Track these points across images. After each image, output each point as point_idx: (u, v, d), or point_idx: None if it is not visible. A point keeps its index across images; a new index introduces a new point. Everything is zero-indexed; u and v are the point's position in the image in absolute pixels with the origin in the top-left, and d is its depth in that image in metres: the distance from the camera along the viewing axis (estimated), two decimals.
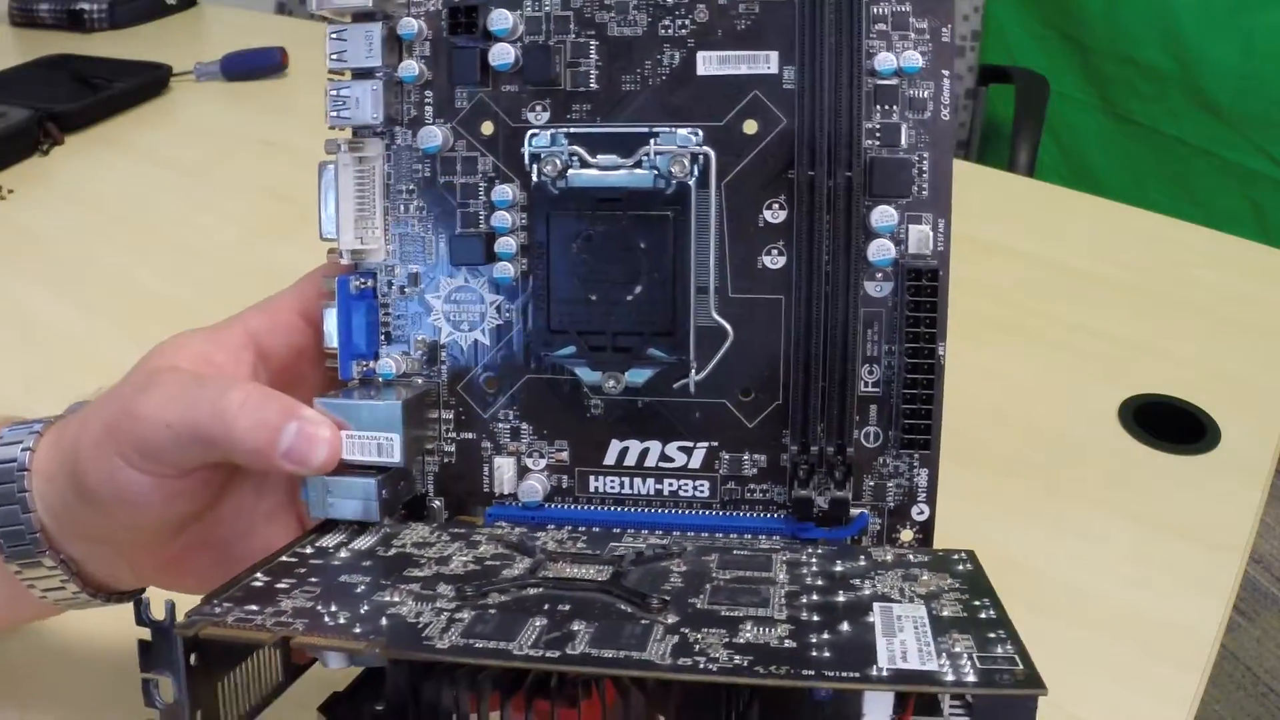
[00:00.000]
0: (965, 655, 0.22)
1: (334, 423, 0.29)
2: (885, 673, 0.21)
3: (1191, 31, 1.41)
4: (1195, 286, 0.65)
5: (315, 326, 0.32)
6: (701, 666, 0.21)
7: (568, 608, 0.24)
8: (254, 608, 0.24)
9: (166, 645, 0.23)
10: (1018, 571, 0.45)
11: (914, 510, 0.31)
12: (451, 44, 0.31)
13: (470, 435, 0.32)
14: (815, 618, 0.24)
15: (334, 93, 0.31)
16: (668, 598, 0.25)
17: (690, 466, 0.31)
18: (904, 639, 0.23)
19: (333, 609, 0.24)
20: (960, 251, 0.74)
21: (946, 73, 0.29)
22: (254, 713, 0.24)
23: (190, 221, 0.76)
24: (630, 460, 0.31)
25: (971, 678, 0.21)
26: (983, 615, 0.24)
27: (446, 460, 0.32)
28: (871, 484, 0.31)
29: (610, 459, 0.31)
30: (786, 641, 0.22)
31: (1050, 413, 0.54)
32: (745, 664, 0.21)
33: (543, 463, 0.32)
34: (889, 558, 0.29)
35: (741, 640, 0.22)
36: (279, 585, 0.26)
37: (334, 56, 0.31)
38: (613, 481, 0.32)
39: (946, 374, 0.55)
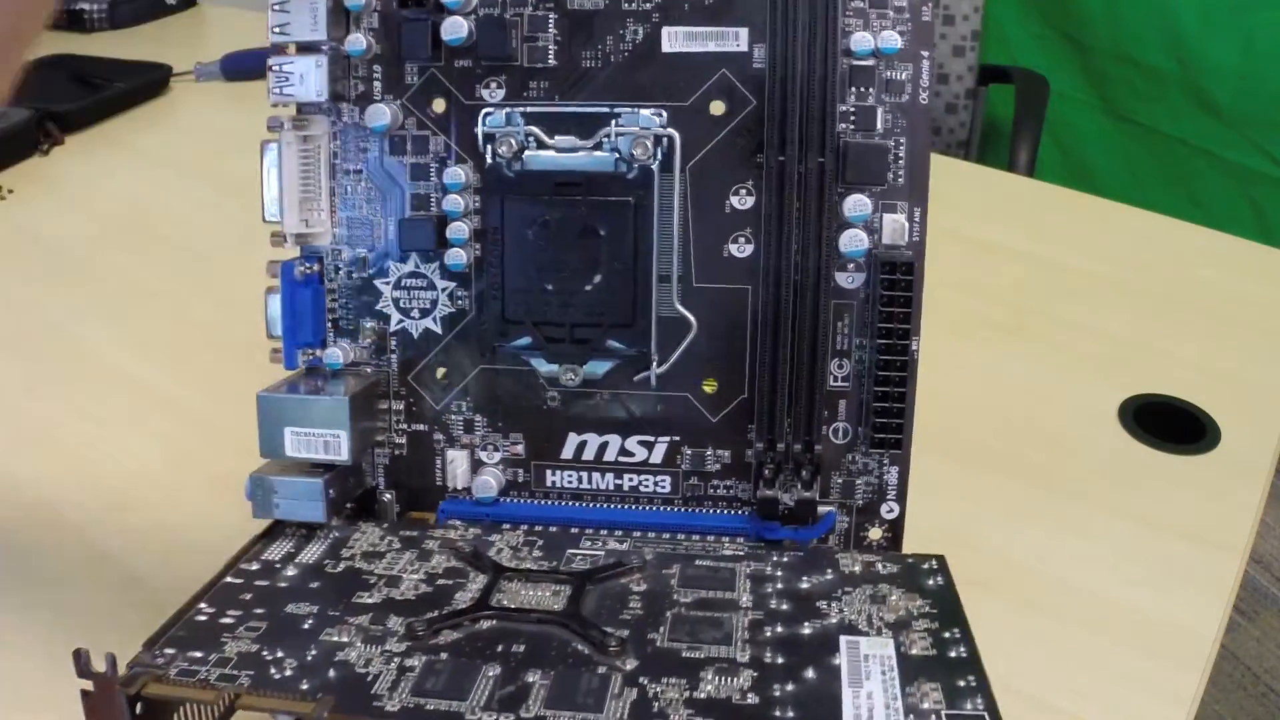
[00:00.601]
0: (935, 714, 0.21)
1: None
2: None
3: (1191, 31, 1.41)
4: (1195, 286, 0.65)
5: None
6: None
7: (522, 649, 0.23)
8: (198, 654, 0.23)
9: (108, 700, 0.22)
10: (1018, 571, 0.45)
11: (883, 508, 0.30)
12: (401, 16, 0.29)
13: (422, 427, 0.31)
14: (780, 659, 0.23)
15: (276, 67, 0.29)
16: (625, 634, 0.24)
17: (651, 461, 0.30)
18: (870, 690, 0.22)
19: (279, 655, 0.23)
20: (960, 251, 0.74)
21: (926, 54, 0.28)
22: None
23: (190, 221, 0.76)
24: (589, 454, 0.30)
25: None
26: (952, 654, 0.24)
27: (397, 452, 0.31)
28: (840, 481, 0.30)
29: (568, 453, 0.30)
30: (749, 696, 0.22)
31: (1050, 413, 0.54)
32: None
33: (497, 456, 0.31)
34: (857, 569, 0.27)
35: (702, 695, 0.21)
36: (224, 619, 0.25)
37: (276, 30, 0.29)
38: (571, 476, 0.31)
39: (948, 374, 0.55)
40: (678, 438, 0.30)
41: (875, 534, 0.30)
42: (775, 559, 0.28)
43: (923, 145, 0.28)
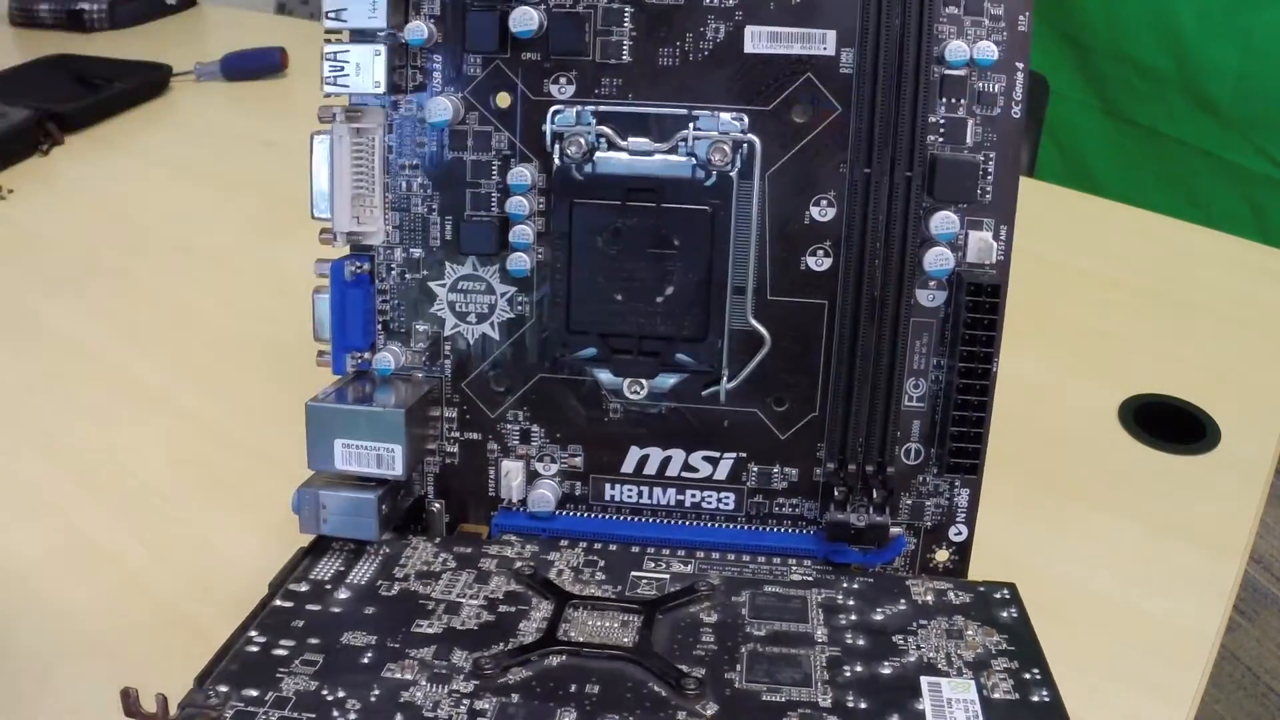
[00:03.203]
0: None
1: None
2: None
3: (1190, 31, 1.41)
4: (1195, 286, 0.65)
5: None
6: None
7: (596, 690, 0.22)
8: (253, 692, 0.22)
9: None
10: (1018, 571, 0.45)
11: (951, 531, 0.30)
12: (467, 4, 0.27)
13: (475, 435, 0.30)
14: (862, 704, 0.22)
15: (331, 56, 0.27)
16: (701, 673, 0.23)
17: (715, 478, 0.29)
18: None
19: (340, 694, 0.22)
20: None
21: (1020, 65, 0.26)
22: None
23: (190, 221, 0.76)
24: (650, 469, 0.29)
25: None
26: (1034, 698, 0.24)
27: (448, 461, 0.30)
28: (909, 502, 0.29)
29: (629, 466, 0.29)
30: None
31: (1050, 413, 0.54)
32: None
33: (554, 468, 0.30)
34: (930, 598, 0.27)
35: None
36: (276, 650, 0.24)
37: (331, 15, 0.27)
38: (630, 490, 0.29)
39: None
40: (744, 454, 0.29)
41: (942, 556, 0.30)
42: (845, 585, 0.27)
43: (1013, 161, 0.27)
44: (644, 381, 0.28)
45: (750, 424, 0.28)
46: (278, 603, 0.26)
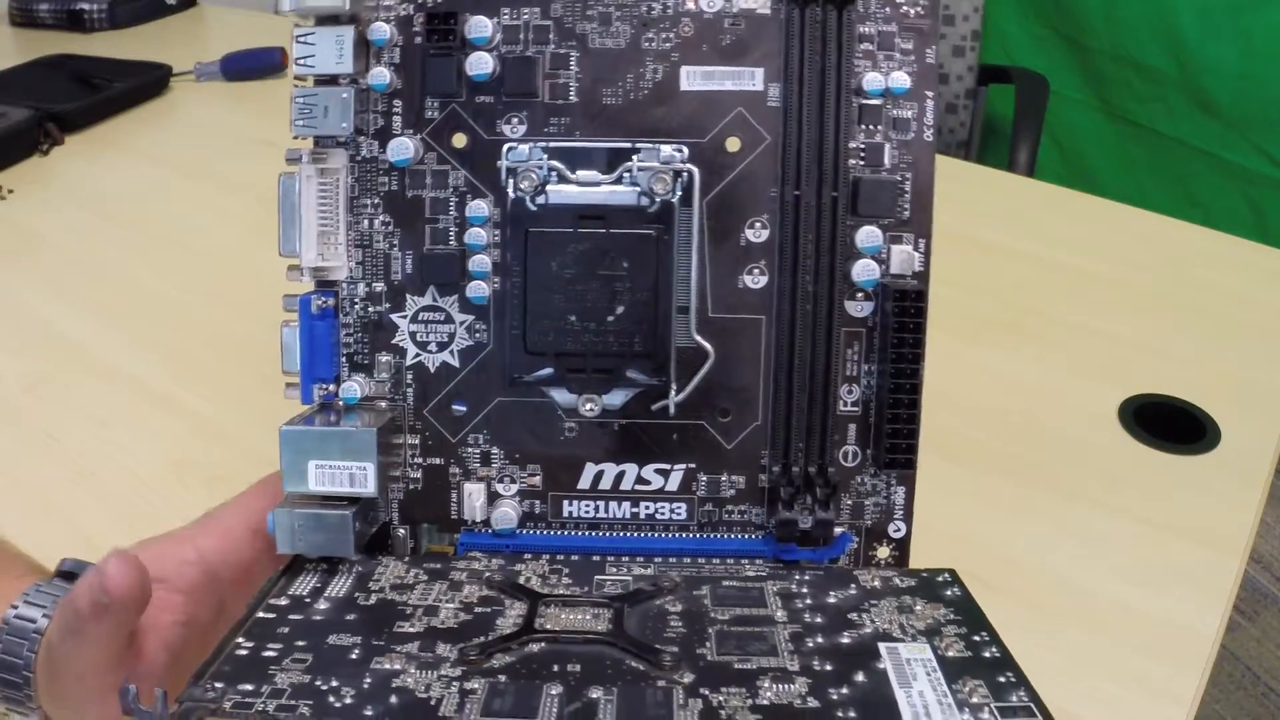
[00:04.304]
0: (985, 707, 0.22)
1: (127, 562, 0.27)
2: None
3: (1190, 32, 1.41)
4: (1195, 286, 0.65)
5: (265, 540, 0.30)
6: None
7: (578, 668, 0.23)
8: (248, 686, 0.23)
9: None
10: (1018, 571, 0.45)
11: (890, 528, 0.31)
12: (425, 50, 0.29)
13: (438, 461, 0.31)
14: (828, 666, 0.23)
15: (300, 100, 0.29)
16: (676, 649, 0.24)
17: (667, 489, 0.30)
18: (920, 689, 0.23)
19: (334, 684, 0.23)
20: (960, 251, 0.74)
21: (930, 94, 0.29)
22: None
23: (190, 221, 0.76)
24: (606, 484, 0.30)
25: None
26: (986, 654, 0.25)
27: (412, 487, 0.31)
28: (849, 502, 0.30)
29: (585, 483, 0.30)
30: (809, 700, 0.22)
31: (1050, 413, 0.54)
32: None
33: (514, 488, 0.30)
34: (877, 584, 0.28)
35: (765, 701, 0.22)
36: (265, 652, 0.24)
37: (300, 61, 0.29)
38: (588, 506, 0.30)
39: (948, 374, 0.55)
40: (694, 465, 0.30)
41: (883, 552, 0.31)
42: (798, 577, 0.28)
43: (927, 179, 0.30)
44: (597, 399, 0.29)
45: (698, 436, 0.30)
46: (260, 614, 0.26)
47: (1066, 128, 1.59)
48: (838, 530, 0.30)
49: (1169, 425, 0.53)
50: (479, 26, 0.29)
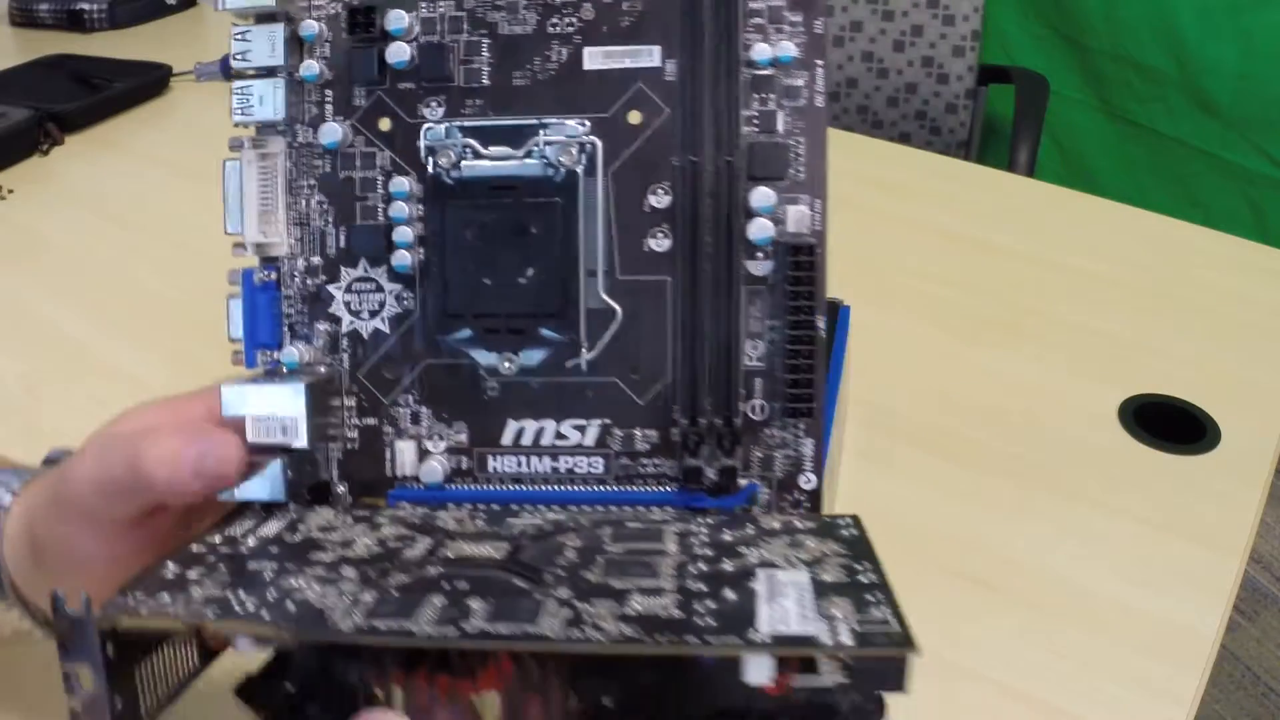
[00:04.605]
0: (842, 619, 0.23)
1: (237, 439, 0.29)
2: (765, 638, 0.22)
3: (1190, 32, 1.41)
4: (1195, 286, 0.65)
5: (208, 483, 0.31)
6: (591, 637, 0.22)
7: (466, 586, 0.25)
8: (166, 598, 0.25)
9: (84, 637, 0.24)
10: (1018, 571, 0.45)
11: (801, 479, 0.32)
12: (350, 43, 0.32)
13: (372, 421, 0.33)
14: (702, 586, 0.25)
15: (238, 91, 0.33)
16: (562, 573, 0.25)
17: (584, 444, 0.32)
18: (786, 604, 0.23)
19: (241, 596, 0.25)
20: (960, 251, 0.74)
21: (820, 62, 0.30)
22: (172, 697, 0.25)
23: (190, 221, 0.76)
24: (526, 440, 0.32)
25: (848, 640, 0.22)
26: (863, 578, 0.25)
27: (350, 447, 0.33)
28: (760, 455, 0.31)
29: (507, 439, 0.32)
30: (674, 611, 0.23)
31: (1050, 413, 0.54)
32: (633, 634, 0.22)
33: (442, 445, 0.32)
34: (776, 525, 0.29)
35: (630, 611, 0.23)
36: (189, 575, 0.26)
37: (238, 56, 0.32)
38: (510, 461, 0.32)
39: (948, 373, 0.55)
40: (609, 420, 0.32)
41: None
42: (700, 520, 0.30)
43: (819, 144, 0.31)
44: (514, 357, 0.31)
45: (612, 392, 0.32)
46: (192, 547, 0.28)
47: (1066, 128, 1.59)
48: (743, 481, 0.31)
49: (1169, 425, 0.53)
50: (396, 19, 0.31)
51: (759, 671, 0.22)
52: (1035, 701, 0.39)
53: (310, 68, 0.32)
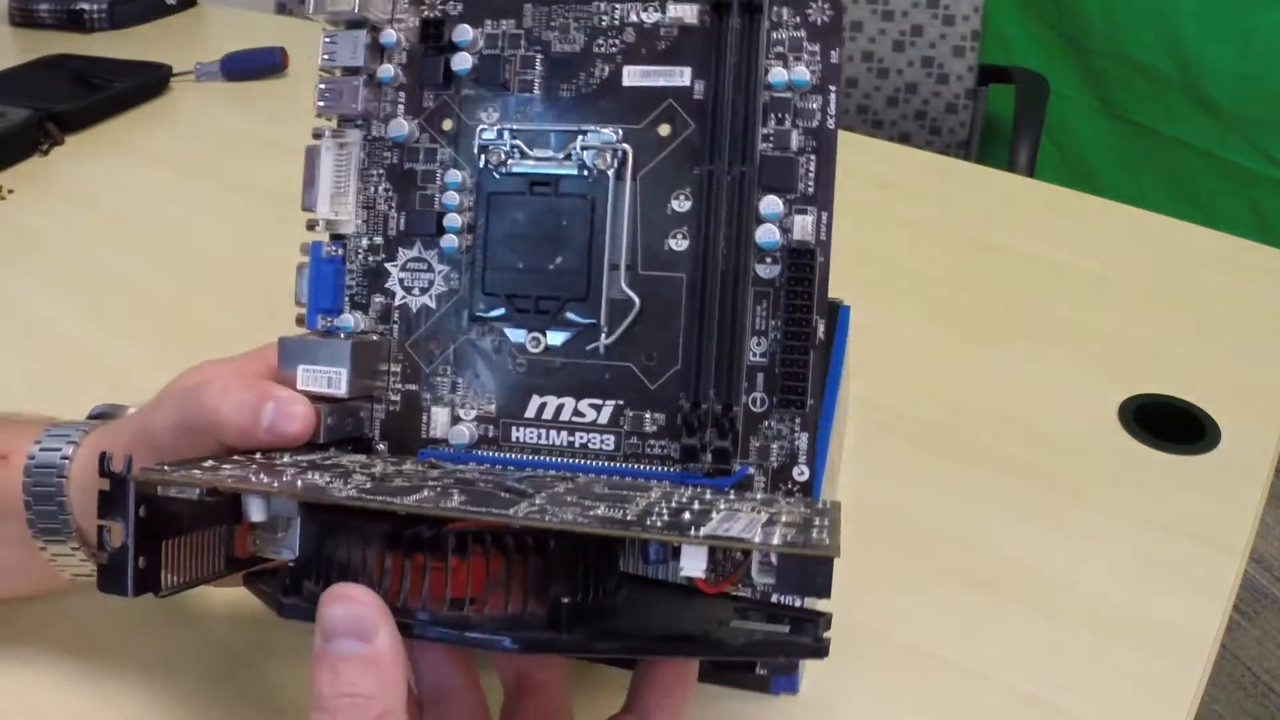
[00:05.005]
0: (779, 534, 0.25)
1: (305, 399, 0.33)
2: (701, 537, 0.25)
3: (1190, 32, 1.41)
4: (1195, 286, 0.65)
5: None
6: (548, 519, 0.25)
7: (454, 488, 0.28)
8: (197, 473, 0.28)
9: (121, 494, 0.27)
10: (1018, 571, 0.45)
11: (795, 471, 0.34)
12: (422, 51, 0.36)
13: (413, 387, 0.37)
14: (664, 512, 0.27)
15: (323, 86, 0.36)
16: (544, 495, 0.28)
17: (599, 422, 0.35)
18: (732, 524, 0.26)
19: (260, 476, 0.28)
20: (960, 251, 0.74)
21: (834, 88, 0.34)
22: (191, 584, 0.29)
23: (190, 221, 0.76)
24: (548, 414, 0.36)
25: (777, 543, 0.24)
26: (815, 523, 0.27)
27: (392, 409, 0.37)
28: (757, 445, 0.34)
29: (531, 412, 0.36)
30: (629, 517, 0.26)
31: (1050, 413, 0.54)
32: (585, 522, 0.25)
33: (473, 413, 0.36)
34: (758, 497, 0.32)
35: (590, 516, 0.26)
36: (223, 466, 0.30)
37: (326, 57, 0.36)
38: (532, 432, 0.36)
39: (948, 373, 0.55)
40: (621, 402, 0.35)
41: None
42: (686, 484, 0.33)
43: (829, 162, 0.34)
44: (541, 336, 0.35)
45: (626, 376, 0.35)
46: (233, 456, 0.31)
47: (1066, 128, 1.59)
48: (737, 465, 0.34)
49: (1169, 425, 0.53)
50: (462, 32, 0.36)
51: (693, 562, 0.25)
52: (1035, 701, 0.39)
53: (387, 70, 0.36)
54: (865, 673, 0.40)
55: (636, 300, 0.35)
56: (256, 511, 0.28)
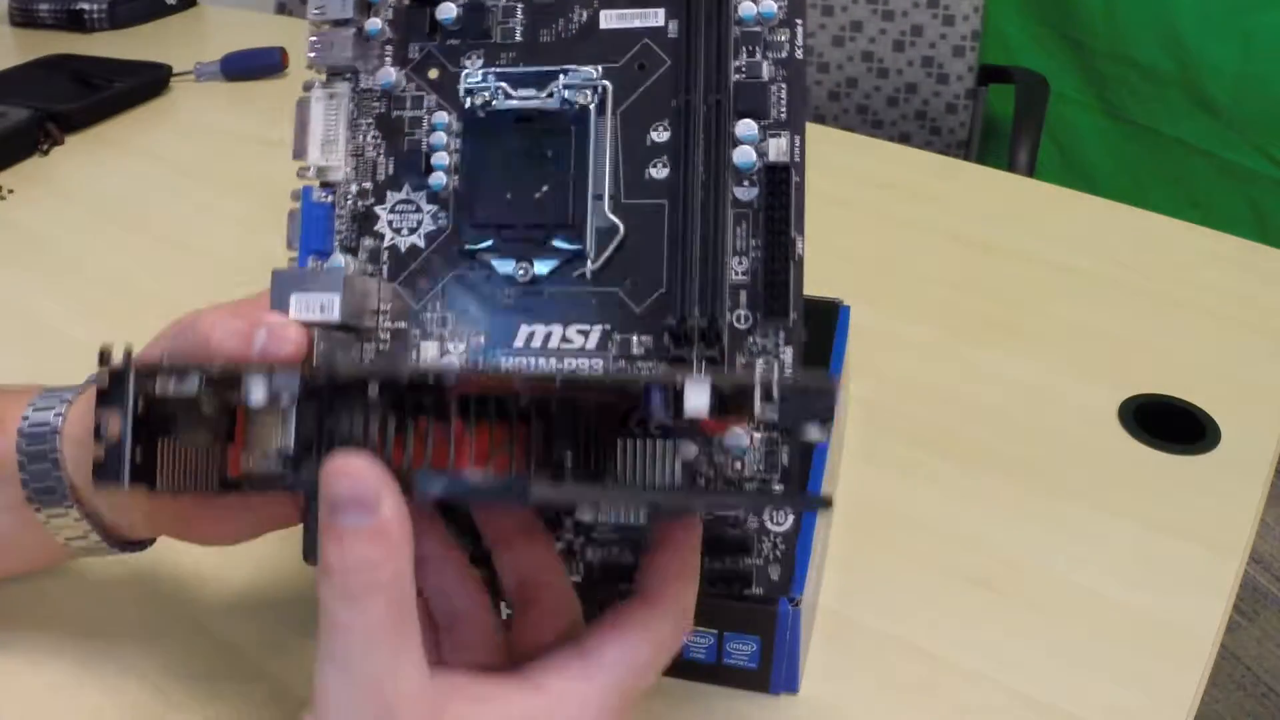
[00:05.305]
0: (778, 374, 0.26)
1: (298, 324, 0.34)
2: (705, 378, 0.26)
3: (1191, 32, 1.41)
4: (1195, 286, 0.65)
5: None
6: (554, 371, 0.26)
7: (456, 366, 0.30)
8: (192, 365, 0.29)
9: (120, 386, 0.28)
10: (1018, 571, 0.45)
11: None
12: (407, 4, 0.38)
13: (402, 324, 0.37)
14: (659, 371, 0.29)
15: (314, 39, 0.38)
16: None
17: (587, 347, 0.36)
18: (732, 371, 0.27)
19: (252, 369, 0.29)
20: (960, 251, 0.74)
21: (800, 20, 0.36)
22: (183, 490, 0.29)
23: (190, 221, 0.76)
24: (536, 342, 0.36)
25: (779, 378, 0.25)
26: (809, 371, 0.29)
27: (381, 348, 0.37)
28: (743, 360, 0.35)
29: (520, 342, 0.36)
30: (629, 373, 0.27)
31: (1050, 413, 0.54)
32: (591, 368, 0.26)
33: (461, 346, 0.37)
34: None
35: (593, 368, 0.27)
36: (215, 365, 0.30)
37: (315, 10, 0.38)
38: (521, 362, 0.36)
39: (948, 373, 0.55)
40: (609, 326, 0.36)
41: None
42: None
43: (800, 90, 0.35)
44: (529, 265, 0.36)
45: (612, 301, 0.36)
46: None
47: (1066, 128, 1.59)
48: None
49: (1169, 425, 0.53)
50: None
51: (697, 397, 0.25)
52: (1035, 701, 0.39)
53: (374, 24, 0.38)
54: (865, 673, 0.40)
55: (621, 226, 0.36)
56: (257, 391, 0.28)
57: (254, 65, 1.02)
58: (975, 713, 0.39)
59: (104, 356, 0.27)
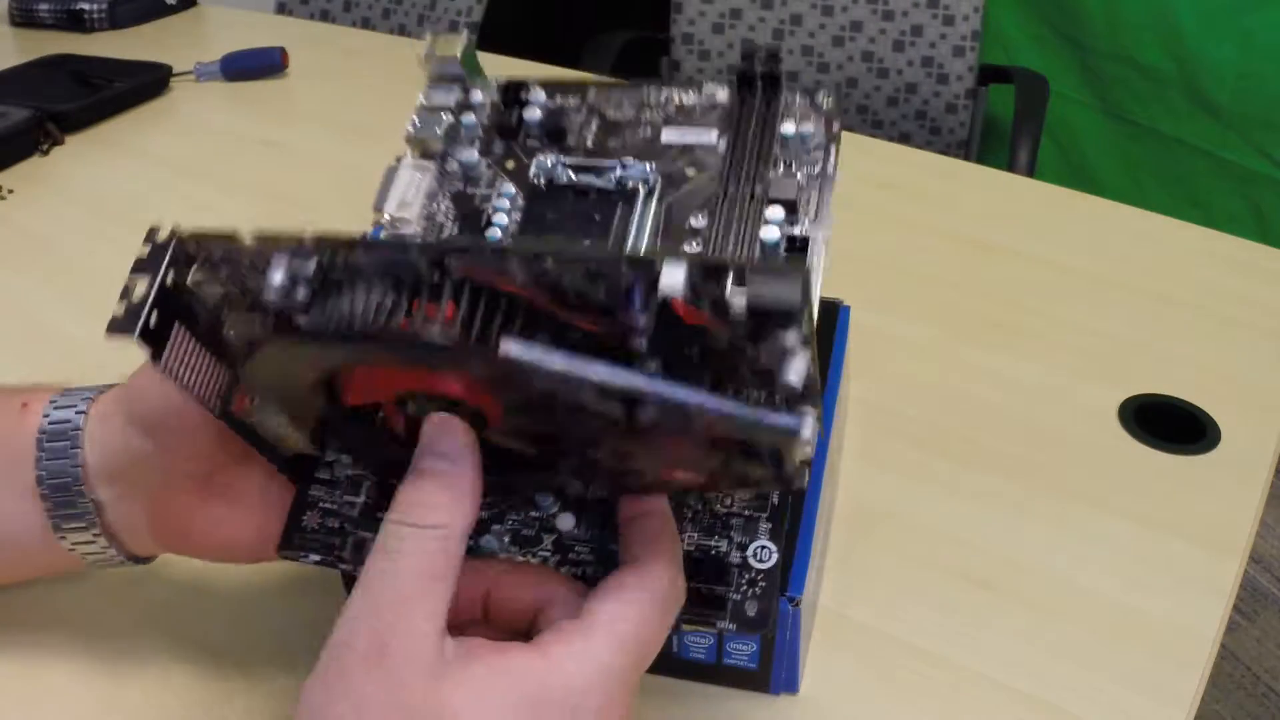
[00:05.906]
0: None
1: None
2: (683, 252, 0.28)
3: (1190, 32, 1.41)
4: (1195, 286, 0.65)
5: None
6: (534, 253, 0.26)
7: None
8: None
9: (158, 255, 0.28)
10: (1018, 571, 0.45)
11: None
12: (498, 105, 0.42)
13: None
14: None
15: (414, 118, 0.42)
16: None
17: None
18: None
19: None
20: (960, 251, 0.74)
21: (834, 147, 0.39)
22: (184, 385, 0.30)
23: (190, 221, 0.76)
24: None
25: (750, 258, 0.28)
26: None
27: None
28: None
29: None
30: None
31: (1050, 413, 0.54)
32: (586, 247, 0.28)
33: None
34: None
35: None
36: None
37: (424, 100, 0.42)
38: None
39: (948, 373, 0.55)
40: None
41: None
42: None
43: (826, 202, 0.38)
44: None
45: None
46: None
47: (1066, 128, 1.59)
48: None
49: (1169, 425, 0.53)
50: (535, 94, 0.42)
51: (672, 278, 0.25)
52: (1035, 701, 0.39)
53: (469, 117, 0.41)
54: (865, 673, 0.40)
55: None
56: (279, 272, 0.28)
57: (254, 65, 1.02)
58: (975, 713, 0.39)
59: (152, 234, 0.28)
